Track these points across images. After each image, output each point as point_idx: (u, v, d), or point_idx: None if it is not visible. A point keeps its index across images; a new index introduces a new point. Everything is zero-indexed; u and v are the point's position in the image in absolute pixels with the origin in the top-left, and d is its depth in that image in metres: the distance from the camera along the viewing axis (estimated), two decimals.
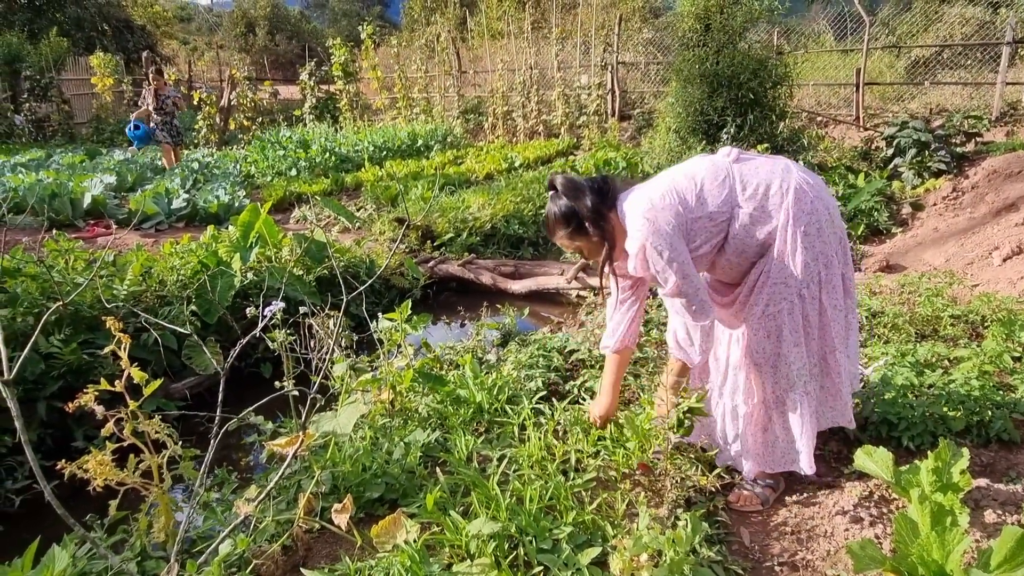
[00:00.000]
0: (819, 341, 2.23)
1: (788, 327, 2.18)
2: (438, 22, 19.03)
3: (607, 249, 2.32)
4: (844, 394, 2.30)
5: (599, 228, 2.27)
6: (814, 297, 2.17)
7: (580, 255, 2.48)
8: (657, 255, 2.10)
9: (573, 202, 2.27)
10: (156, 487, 2.14)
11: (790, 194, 2.12)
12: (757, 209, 2.14)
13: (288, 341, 2.82)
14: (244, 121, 15.23)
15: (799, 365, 2.20)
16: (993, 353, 3.17)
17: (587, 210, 2.25)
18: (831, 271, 2.18)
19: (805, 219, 2.11)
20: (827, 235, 2.16)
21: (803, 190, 2.13)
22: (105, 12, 26.09)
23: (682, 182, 2.19)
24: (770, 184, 2.14)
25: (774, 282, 2.16)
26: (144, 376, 2.10)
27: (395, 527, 2.03)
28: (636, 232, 2.14)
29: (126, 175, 9.46)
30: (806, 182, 2.16)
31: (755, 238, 2.16)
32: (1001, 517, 2.18)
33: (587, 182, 2.30)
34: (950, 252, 5.60)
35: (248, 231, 4.95)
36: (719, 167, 2.20)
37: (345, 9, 47.23)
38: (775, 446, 2.32)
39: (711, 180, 2.17)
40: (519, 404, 3.01)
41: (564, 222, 2.30)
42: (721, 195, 2.15)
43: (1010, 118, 9.80)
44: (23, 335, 3.36)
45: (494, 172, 10.02)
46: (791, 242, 2.12)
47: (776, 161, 2.24)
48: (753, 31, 9.09)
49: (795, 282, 2.14)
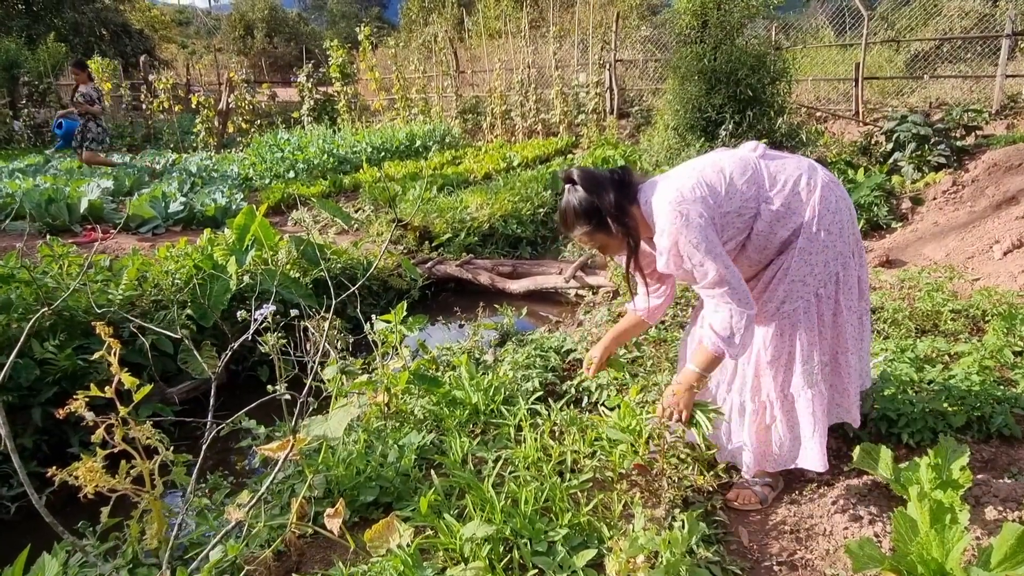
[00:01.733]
0: (832, 341, 2.20)
1: (804, 326, 2.13)
2: (436, 22, 19.04)
3: (631, 246, 2.20)
4: (852, 393, 2.27)
5: (623, 224, 2.14)
6: (830, 296, 2.14)
7: (599, 252, 2.35)
8: (693, 248, 1.99)
9: (594, 197, 2.13)
10: (148, 493, 2.12)
11: (817, 191, 2.09)
12: (783, 206, 2.09)
13: (283, 344, 2.80)
14: (242, 124, 15.23)
15: (813, 364, 2.16)
16: (994, 348, 3.15)
17: (610, 206, 2.12)
18: (848, 272, 2.15)
19: (830, 218, 2.08)
20: (848, 235, 2.13)
21: (830, 188, 2.11)
22: (103, 17, 26.15)
23: (711, 175, 2.10)
24: (798, 180, 2.11)
25: (792, 279, 2.11)
26: (135, 381, 2.07)
27: (389, 531, 2.01)
28: (667, 226, 2.03)
29: (123, 179, 9.44)
30: (832, 181, 2.14)
31: (778, 235, 2.12)
32: (1002, 514, 2.15)
33: (608, 174, 2.18)
34: (950, 246, 5.57)
35: (244, 234, 4.93)
36: (747, 162, 2.14)
37: (343, 11, 47.28)
38: (778, 445, 2.29)
39: (739, 175, 2.10)
40: (515, 405, 2.99)
41: (585, 218, 2.15)
42: (750, 191, 2.09)
43: (1010, 111, 9.76)
44: (17, 341, 3.34)
45: (492, 172, 10.00)
46: (814, 240, 2.08)
47: (801, 159, 2.20)
48: (751, 27, 9.04)
49: (813, 280, 2.11)
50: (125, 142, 15.66)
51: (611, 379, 3.15)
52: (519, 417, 2.86)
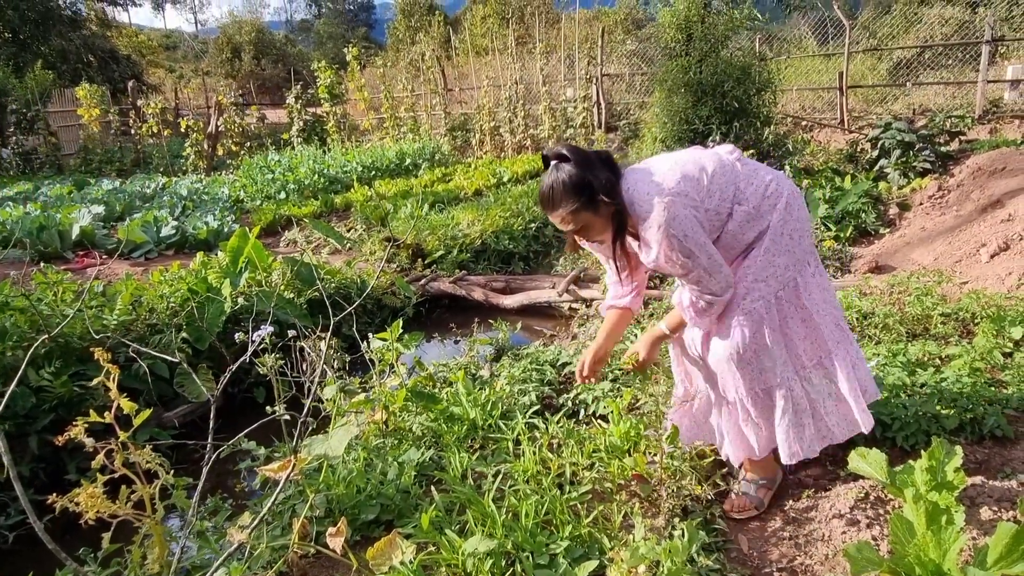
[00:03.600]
0: (809, 345, 2.21)
1: (767, 324, 2.16)
2: (423, 41, 19.17)
3: (616, 225, 2.13)
4: (852, 399, 2.23)
5: (613, 202, 2.07)
6: (790, 300, 2.18)
7: (578, 236, 2.23)
8: (681, 241, 2.00)
9: (587, 172, 2.05)
10: (149, 518, 2.12)
11: (784, 197, 2.15)
12: (755, 208, 2.14)
13: (279, 365, 2.81)
14: (232, 146, 15.26)
15: (780, 362, 2.18)
16: (984, 350, 3.19)
17: (604, 181, 2.06)
18: (805, 278, 2.19)
19: (792, 224, 2.15)
20: (806, 244, 2.20)
21: (795, 195, 2.19)
22: (90, 43, 26.23)
23: (691, 170, 2.10)
24: (769, 183, 2.17)
25: (755, 277, 2.15)
26: (133, 407, 2.08)
27: (391, 548, 2.02)
28: (655, 218, 2.01)
29: (114, 204, 9.45)
30: (796, 191, 2.22)
31: (746, 236, 2.16)
32: (997, 514, 2.18)
33: (595, 154, 2.12)
34: (938, 251, 5.63)
35: (238, 256, 4.95)
36: (724, 163, 2.17)
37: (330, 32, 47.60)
38: (756, 439, 2.30)
39: (719, 173, 2.13)
40: (513, 419, 3.01)
41: (575, 194, 2.04)
42: (727, 191, 2.13)
43: (992, 116, 9.91)
44: (13, 370, 3.34)
45: (483, 188, 10.05)
46: (778, 242, 2.14)
47: (769, 168, 2.27)
48: (735, 39, 9.17)
49: (775, 282, 2.15)
50: (114, 167, 15.66)
51: (604, 391, 3.17)
52: (517, 431, 2.87)
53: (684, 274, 2.10)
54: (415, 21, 34.25)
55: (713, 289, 2.10)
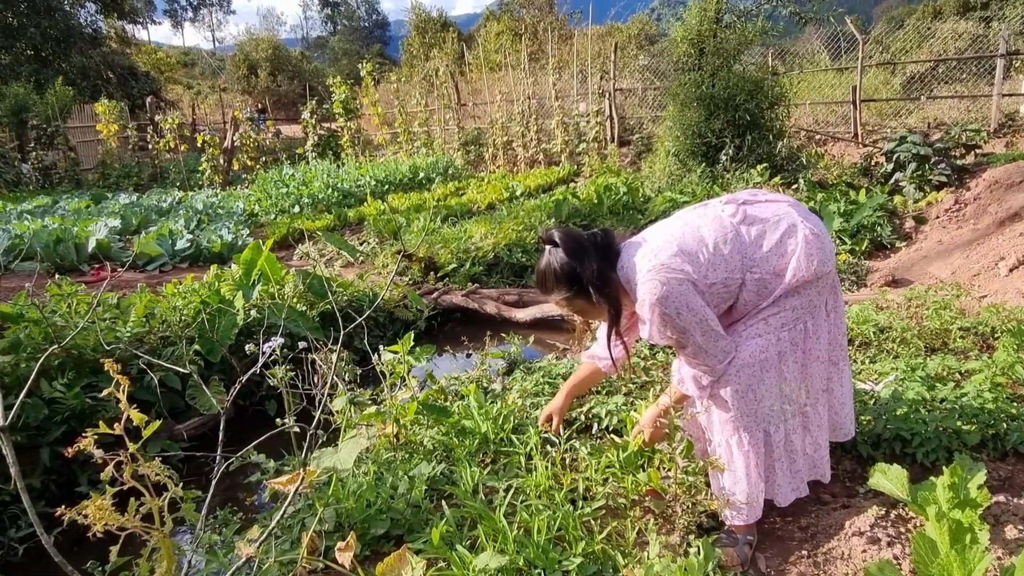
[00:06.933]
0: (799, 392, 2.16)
1: (767, 363, 2.09)
2: (436, 57, 19.33)
3: (612, 314, 2.14)
4: (823, 446, 2.26)
5: (604, 295, 2.08)
6: (796, 343, 2.11)
7: (577, 317, 2.29)
8: (673, 319, 1.96)
9: (576, 263, 2.06)
10: (157, 531, 2.11)
11: (800, 250, 2.04)
12: (769, 273, 2.05)
13: (290, 377, 2.80)
14: (247, 161, 15.40)
15: (770, 403, 2.12)
16: (1005, 364, 3.12)
17: (592, 275, 2.05)
18: (817, 322, 2.13)
19: (804, 271, 2.04)
20: (823, 286, 2.12)
21: (810, 240, 2.04)
22: (110, 60, 26.69)
23: (689, 244, 2.04)
24: (780, 242, 2.06)
25: (762, 317, 2.09)
26: (143, 418, 2.07)
27: (401, 564, 1.99)
28: (647, 296, 1.98)
29: (131, 218, 9.55)
30: (813, 233, 2.07)
31: (761, 302, 2.10)
32: (1023, 532, 2.12)
33: (589, 238, 2.11)
34: (955, 264, 5.57)
35: (251, 269, 4.96)
36: (726, 228, 2.07)
37: (345, 48, 48.18)
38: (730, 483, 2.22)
39: (722, 243, 2.04)
40: (525, 433, 2.97)
41: (566, 283, 2.08)
42: (733, 260, 2.04)
43: (1008, 129, 9.83)
44: (27, 381, 3.35)
45: (496, 201, 10.07)
46: (792, 294, 2.07)
47: (780, 209, 2.14)
48: (748, 53, 9.18)
49: (776, 322, 2.09)
50: (132, 182, 15.86)
51: (618, 406, 3.13)
52: (529, 446, 2.83)
53: (679, 349, 2.08)
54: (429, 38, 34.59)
55: (709, 363, 2.05)
